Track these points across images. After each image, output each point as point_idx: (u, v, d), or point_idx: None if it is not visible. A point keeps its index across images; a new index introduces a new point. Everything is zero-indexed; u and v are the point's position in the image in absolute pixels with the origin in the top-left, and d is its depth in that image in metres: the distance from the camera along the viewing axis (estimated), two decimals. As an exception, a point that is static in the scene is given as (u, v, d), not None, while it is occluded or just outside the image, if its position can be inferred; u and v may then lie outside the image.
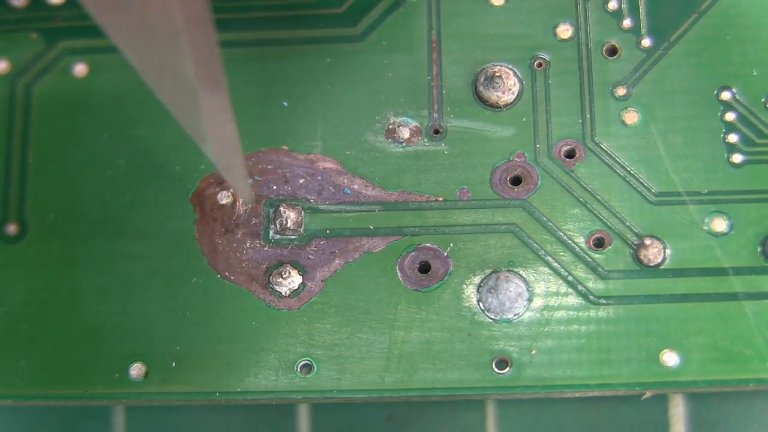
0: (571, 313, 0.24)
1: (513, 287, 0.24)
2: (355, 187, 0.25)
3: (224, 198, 0.25)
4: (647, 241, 0.24)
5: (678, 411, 0.26)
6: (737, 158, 0.25)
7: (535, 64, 0.25)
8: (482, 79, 0.25)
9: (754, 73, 0.25)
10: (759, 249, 0.24)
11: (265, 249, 0.24)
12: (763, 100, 0.25)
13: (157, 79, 0.17)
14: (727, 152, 0.25)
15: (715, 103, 0.25)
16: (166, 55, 0.16)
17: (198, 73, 0.16)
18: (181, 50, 0.15)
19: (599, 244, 0.24)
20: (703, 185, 0.25)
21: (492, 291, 0.24)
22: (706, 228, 0.24)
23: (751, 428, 0.26)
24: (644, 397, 0.25)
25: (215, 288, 0.24)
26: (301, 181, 0.25)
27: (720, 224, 0.24)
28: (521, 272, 0.24)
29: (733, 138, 0.25)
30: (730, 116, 0.25)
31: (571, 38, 0.25)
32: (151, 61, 0.17)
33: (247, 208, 0.24)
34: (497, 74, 0.25)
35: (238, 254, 0.24)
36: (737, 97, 0.25)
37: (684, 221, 0.24)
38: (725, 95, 0.25)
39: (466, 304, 0.24)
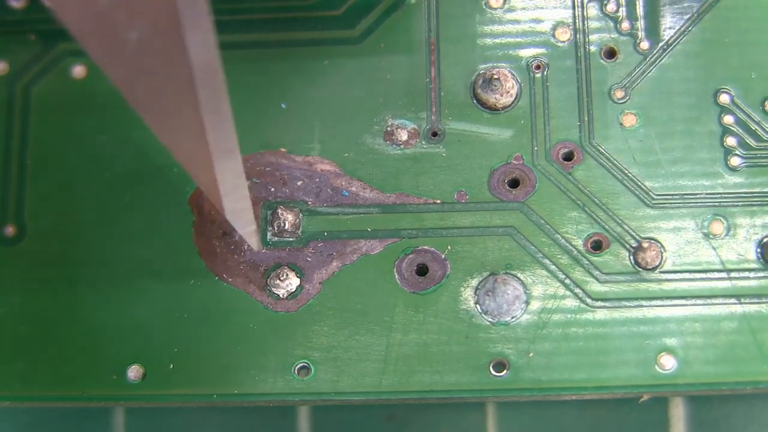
0: (569, 315, 0.24)
1: (510, 290, 0.24)
2: (353, 189, 0.25)
3: (222, 200, 0.25)
4: (645, 244, 0.24)
5: (678, 411, 0.26)
6: (735, 161, 0.25)
7: (534, 66, 0.25)
8: (480, 82, 0.25)
9: (753, 76, 0.25)
10: (757, 252, 0.24)
11: (263, 251, 0.24)
12: (761, 103, 0.25)
13: (159, 122, 0.17)
14: (725, 155, 0.25)
15: (714, 106, 0.25)
16: (172, 101, 0.16)
17: (207, 121, 0.16)
18: (189, 100, 0.15)
19: (597, 246, 0.24)
20: (701, 188, 0.25)
21: (489, 294, 0.24)
22: (704, 231, 0.24)
23: (751, 428, 0.26)
24: (641, 399, 0.25)
25: (213, 290, 0.24)
26: (299, 183, 0.25)
27: (718, 227, 0.24)
28: (519, 275, 0.24)
29: (731, 141, 0.25)
30: (728, 119, 0.25)
31: (569, 40, 0.25)
32: (154, 105, 0.17)
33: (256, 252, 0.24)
34: (495, 76, 0.25)
35: (236, 256, 0.24)
36: (736, 100, 0.25)
37: (682, 224, 0.24)
38: (723, 98, 0.25)
39: (464, 307, 0.24)
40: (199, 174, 0.19)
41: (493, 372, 0.24)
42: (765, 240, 0.24)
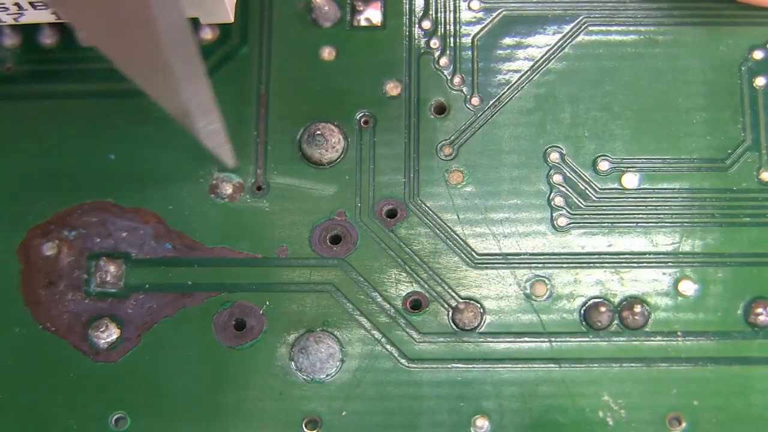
0: (385, 375, 0.24)
1: (324, 348, 0.24)
2: (176, 242, 0.25)
3: (48, 250, 0.25)
4: (464, 305, 0.24)
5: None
6: (562, 221, 0.24)
7: (362, 121, 0.25)
8: (306, 137, 0.25)
9: (586, 134, 0.25)
10: (579, 315, 0.24)
11: (86, 301, 0.25)
12: (591, 162, 0.25)
13: (130, 62, 0.19)
14: (551, 215, 0.24)
15: (543, 165, 0.25)
16: (138, 37, 0.18)
17: (168, 46, 0.18)
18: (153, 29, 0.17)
19: (416, 306, 0.24)
20: (525, 249, 0.24)
21: (303, 351, 0.24)
22: (526, 292, 0.24)
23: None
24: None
25: (36, 338, 0.25)
26: (123, 234, 0.25)
27: (540, 289, 0.24)
28: (335, 332, 0.24)
29: (558, 201, 0.24)
30: (557, 178, 0.25)
31: (399, 95, 0.25)
32: (121, 43, 0.19)
33: (232, 169, 0.25)
34: (319, 132, 0.24)
35: (60, 306, 0.25)
36: (566, 158, 0.25)
37: (504, 285, 0.24)
38: (554, 156, 0.25)
39: (279, 363, 0.24)
40: (171, 104, 0.21)
41: (306, 430, 0.24)
42: (587, 303, 0.24)
